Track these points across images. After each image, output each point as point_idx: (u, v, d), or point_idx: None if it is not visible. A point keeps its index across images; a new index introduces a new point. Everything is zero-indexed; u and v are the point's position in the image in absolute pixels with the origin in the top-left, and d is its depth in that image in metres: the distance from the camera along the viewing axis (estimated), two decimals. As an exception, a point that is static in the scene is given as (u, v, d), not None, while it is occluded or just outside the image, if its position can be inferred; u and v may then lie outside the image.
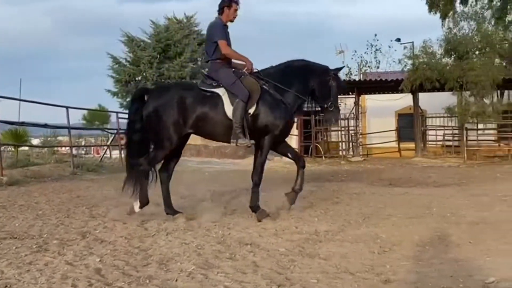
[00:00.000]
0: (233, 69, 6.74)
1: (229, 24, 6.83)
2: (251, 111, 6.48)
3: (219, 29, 6.69)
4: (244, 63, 6.76)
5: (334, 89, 6.93)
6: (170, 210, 6.61)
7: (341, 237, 5.39)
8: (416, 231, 5.59)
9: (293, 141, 20.05)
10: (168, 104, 6.52)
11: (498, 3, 23.13)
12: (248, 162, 18.17)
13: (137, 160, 6.62)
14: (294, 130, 19.86)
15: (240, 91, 6.43)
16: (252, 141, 6.56)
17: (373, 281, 3.80)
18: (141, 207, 6.56)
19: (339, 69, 7.21)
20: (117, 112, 21.15)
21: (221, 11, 6.73)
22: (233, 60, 6.84)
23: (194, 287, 3.70)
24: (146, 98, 6.77)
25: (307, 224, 6.08)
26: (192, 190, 9.18)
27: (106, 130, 27.68)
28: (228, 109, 6.45)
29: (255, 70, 6.77)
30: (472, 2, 23.11)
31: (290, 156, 7.16)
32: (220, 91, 6.55)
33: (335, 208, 7.40)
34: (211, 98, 6.56)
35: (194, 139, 6.75)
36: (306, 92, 6.88)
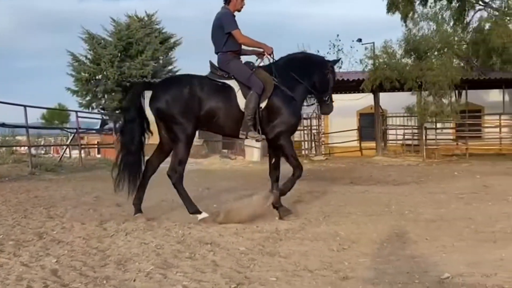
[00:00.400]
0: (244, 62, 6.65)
1: (236, 14, 6.60)
2: (263, 105, 6.35)
3: (231, 18, 6.46)
4: (262, 49, 6.65)
5: (331, 82, 6.91)
6: (138, 207, 6.46)
7: (301, 235, 5.42)
8: (375, 229, 5.66)
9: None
10: (179, 97, 6.23)
11: (457, 5, 23.67)
12: (211, 162, 18.17)
13: (168, 171, 6.37)
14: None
15: (255, 83, 6.29)
16: (263, 136, 6.46)
17: (331, 278, 3.83)
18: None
19: (336, 61, 7.14)
20: (76, 111, 20.84)
21: (227, 0, 6.51)
22: (248, 49, 6.69)
23: (152, 287, 3.65)
24: (152, 93, 6.41)
25: (268, 223, 6.08)
26: (153, 191, 9.09)
27: (66, 129, 27.22)
28: (241, 101, 6.30)
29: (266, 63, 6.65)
30: (431, 3, 23.61)
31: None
32: (232, 82, 6.40)
33: (296, 206, 7.44)
34: (223, 90, 6.38)
35: (155, 138, 6.63)
36: (313, 85, 6.75)
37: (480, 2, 24.76)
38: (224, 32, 6.41)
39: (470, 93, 22.88)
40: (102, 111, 30.92)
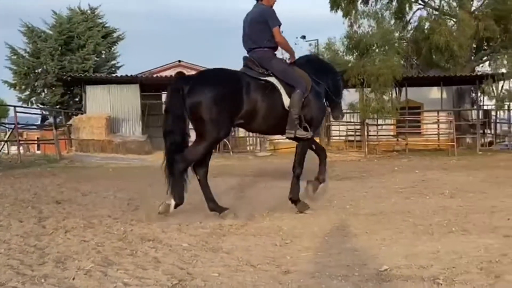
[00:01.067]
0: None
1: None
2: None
3: (274, 15, 6.42)
4: (289, 55, 6.76)
5: (342, 88, 7.29)
6: (215, 205, 6.21)
7: (245, 231, 5.44)
8: (317, 223, 5.74)
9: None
10: (222, 93, 5.99)
11: (396, 4, 24.29)
12: (156, 158, 17.96)
13: (178, 156, 5.96)
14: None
15: (299, 82, 6.29)
16: (311, 133, 6.48)
17: (273, 272, 3.86)
18: (175, 207, 6.00)
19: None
20: (15, 106, 20.18)
21: None
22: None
23: (92, 285, 3.58)
24: (188, 87, 5.97)
25: (211, 218, 6.06)
26: (96, 187, 8.94)
27: (3, 124, 26.33)
28: (286, 99, 6.25)
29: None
30: (372, 1, 24.14)
31: (313, 147, 7.00)
32: (273, 80, 6.32)
33: (240, 202, 7.46)
34: (267, 87, 6.27)
35: (99, 134, 6.49)
36: (328, 86, 6.88)
37: (420, 1, 25.50)
38: (271, 27, 6.34)
39: (410, 90, 23.50)
40: (42, 106, 30.00)
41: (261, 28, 6.38)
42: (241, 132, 24.83)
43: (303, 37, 29.97)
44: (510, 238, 4.73)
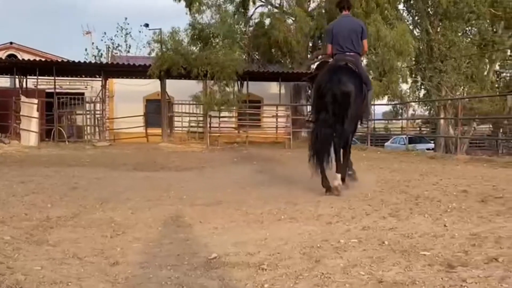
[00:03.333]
0: None
1: None
2: None
3: (365, 29, 7.81)
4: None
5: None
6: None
7: (74, 223, 5.21)
8: (152, 214, 5.67)
9: (33, 124, 18.79)
10: (360, 84, 7.21)
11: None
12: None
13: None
14: (34, 113, 18.68)
15: (370, 82, 7.91)
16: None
17: (101, 264, 3.73)
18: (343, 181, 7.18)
19: None
20: None
21: (349, 7, 7.82)
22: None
23: None
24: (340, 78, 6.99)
25: (38, 210, 5.73)
26: None
27: None
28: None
29: None
30: (215, -6, 24.46)
31: None
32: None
33: (72, 193, 7.15)
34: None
35: None
36: None
37: (262, -1, 26.36)
38: (363, 38, 7.60)
39: (251, 84, 24.21)
40: None
41: (355, 35, 7.56)
42: (79, 120, 23.83)
43: (146, 25, 29.61)
44: (332, 225, 5.06)
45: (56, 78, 22.19)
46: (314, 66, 27.62)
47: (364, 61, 25.09)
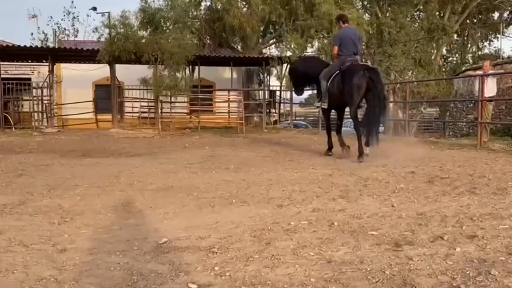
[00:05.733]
0: None
1: None
2: None
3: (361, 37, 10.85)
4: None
5: None
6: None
7: (21, 210, 5.09)
8: (101, 200, 5.59)
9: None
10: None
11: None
12: None
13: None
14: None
15: None
16: None
17: (48, 251, 3.66)
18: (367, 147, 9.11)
19: None
20: None
21: (347, 21, 10.45)
22: None
23: None
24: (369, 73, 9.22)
25: (-18, 198, 5.56)
26: None
27: None
28: None
29: None
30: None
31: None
32: None
33: (18, 180, 6.97)
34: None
35: None
36: None
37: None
38: (360, 43, 10.28)
39: (203, 69, 24.02)
40: None
41: (358, 43, 9.92)
42: (26, 106, 23.14)
43: (94, 8, 28.90)
44: (283, 208, 5.11)
45: (2, 63, 21.45)
46: (265, 51, 27.63)
47: (316, 45, 25.38)
